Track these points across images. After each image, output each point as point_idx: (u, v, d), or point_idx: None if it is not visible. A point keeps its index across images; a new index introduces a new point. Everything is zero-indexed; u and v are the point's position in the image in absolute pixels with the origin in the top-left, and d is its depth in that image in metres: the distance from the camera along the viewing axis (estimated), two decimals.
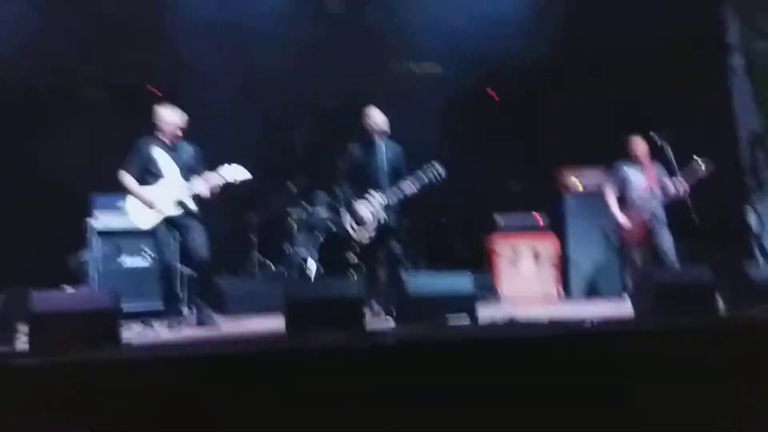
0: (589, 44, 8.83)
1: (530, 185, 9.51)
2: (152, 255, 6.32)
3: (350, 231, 6.29)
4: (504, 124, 10.03)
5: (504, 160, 9.76)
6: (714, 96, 7.74)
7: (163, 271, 6.01)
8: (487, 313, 5.49)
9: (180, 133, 6.02)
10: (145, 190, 5.89)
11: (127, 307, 5.32)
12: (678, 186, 6.93)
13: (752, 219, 7.53)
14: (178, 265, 7.12)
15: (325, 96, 9.20)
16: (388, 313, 6.01)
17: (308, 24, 8.35)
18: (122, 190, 5.99)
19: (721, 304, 5.43)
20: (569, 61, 9.16)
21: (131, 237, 7.07)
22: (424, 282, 5.38)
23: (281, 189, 8.43)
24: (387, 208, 6.13)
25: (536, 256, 8.45)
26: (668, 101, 8.09)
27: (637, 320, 5.14)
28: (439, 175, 6.25)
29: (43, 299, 4.52)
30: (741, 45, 7.43)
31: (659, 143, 7.04)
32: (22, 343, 4.48)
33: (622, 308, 6.02)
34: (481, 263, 8.69)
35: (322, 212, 8.23)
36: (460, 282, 5.35)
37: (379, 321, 5.79)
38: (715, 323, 4.81)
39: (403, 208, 6.48)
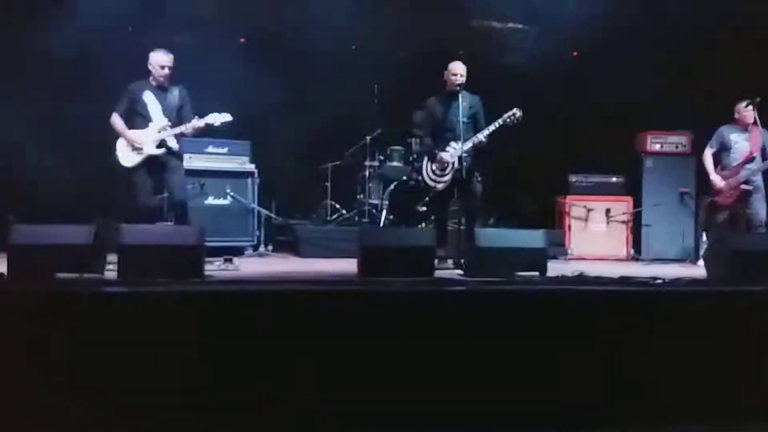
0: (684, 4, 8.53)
1: (608, 146, 9.35)
2: (233, 195, 6.46)
3: (427, 178, 6.34)
4: (584, 85, 9.87)
5: (582, 120, 9.63)
6: None
7: (139, 210, 6.06)
8: (555, 268, 5.52)
9: (167, 74, 6.17)
10: (133, 132, 6.12)
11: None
12: None
13: None
14: (255, 207, 7.36)
15: (405, 49, 9.19)
16: (457, 265, 6.09)
17: None
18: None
19: None
20: (660, 20, 8.87)
21: (216, 177, 7.43)
22: (495, 235, 5.43)
23: (356, 139, 8.53)
24: (463, 158, 6.13)
25: (608, 216, 8.38)
26: None
27: (710, 281, 5.10)
28: (517, 120, 6.22)
29: (132, 232, 4.78)
30: None
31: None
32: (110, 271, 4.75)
33: (694, 272, 5.96)
34: (552, 222, 8.69)
35: (395, 162, 8.31)
36: (532, 237, 5.38)
37: (448, 272, 5.85)
38: None
39: (477, 162, 6.51)
